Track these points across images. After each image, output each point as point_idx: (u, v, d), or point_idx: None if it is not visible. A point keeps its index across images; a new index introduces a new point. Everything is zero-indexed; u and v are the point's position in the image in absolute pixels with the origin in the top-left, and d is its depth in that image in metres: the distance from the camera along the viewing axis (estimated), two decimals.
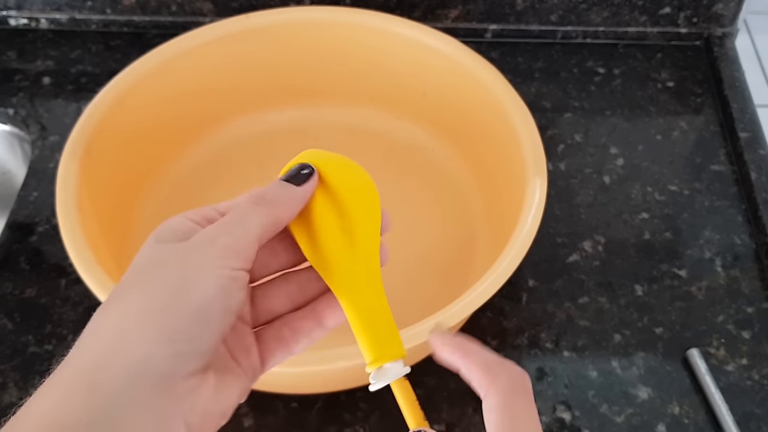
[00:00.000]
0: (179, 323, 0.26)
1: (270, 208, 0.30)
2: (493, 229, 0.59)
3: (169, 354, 0.26)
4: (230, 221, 0.29)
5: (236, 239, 0.28)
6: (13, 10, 0.75)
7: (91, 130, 0.55)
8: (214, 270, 0.27)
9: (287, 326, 0.31)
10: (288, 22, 0.63)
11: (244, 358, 0.30)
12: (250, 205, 0.29)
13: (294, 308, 0.32)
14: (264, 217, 0.29)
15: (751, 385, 0.54)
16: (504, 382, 0.30)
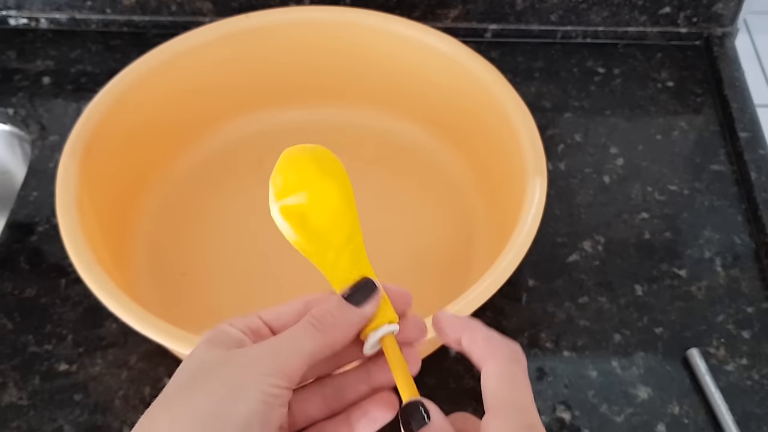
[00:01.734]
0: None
1: (327, 334, 0.30)
2: (493, 229, 0.59)
3: None
4: (280, 344, 0.29)
5: (286, 361, 0.29)
6: (13, 10, 0.75)
7: (91, 130, 0.55)
8: (259, 387, 0.28)
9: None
10: (288, 22, 0.63)
11: None
12: (307, 326, 0.30)
13: (329, 414, 0.32)
14: (319, 343, 0.30)
15: (751, 384, 0.54)
16: (505, 352, 0.31)
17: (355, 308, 0.31)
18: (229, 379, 0.28)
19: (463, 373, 0.54)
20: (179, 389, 0.28)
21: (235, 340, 0.30)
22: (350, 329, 0.31)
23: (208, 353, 0.29)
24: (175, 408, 0.27)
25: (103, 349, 0.55)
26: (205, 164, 0.65)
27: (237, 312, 0.59)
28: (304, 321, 0.30)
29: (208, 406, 0.27)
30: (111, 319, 0.56)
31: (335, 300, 0.31)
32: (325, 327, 0.30)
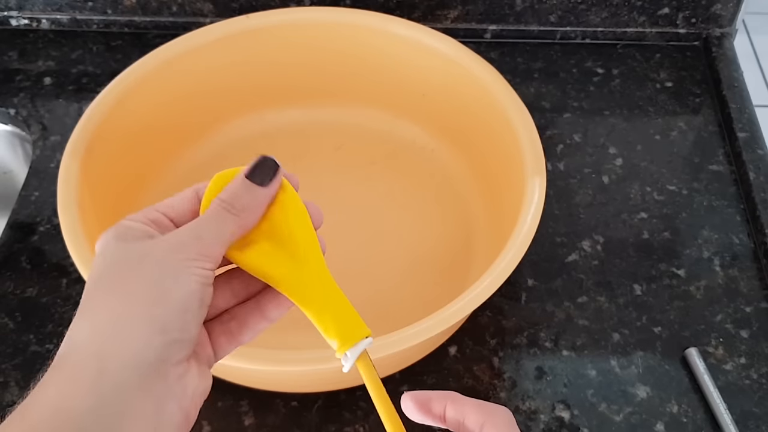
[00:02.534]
0: (169, 315, 0.29)
1: (239, 216, 0.32)
2: (493, 229, 0.59)
3: (164, 342, 0.28)
4: (201, 227, 0.31)
5: (208, 246, 0.30)
6: (15, 11, 0.76)
7: (92, 130, 0.55)
8: (190, 269, 0.30)
9: (234, 320, 0.33)
10: (288, 23, 0.63)
11: (201, 350, 0.32)
12: (221, 212, 0.31)
13: (237, 303, 0.34)
14: (233, 225, 0.31)
15: (750, 384, 0.54)
16: (500, 416, 0.32)
17: (261, 188, 0.32)
18: (160, 265, 0.29)
19: (463, 373, 0.54)
20: (111, 280, 0.29)
21: (144, 232, 0.31)
22: (260, 209, 0.33)
23: (125, 246, 0.30)
24: (119, 296, 0.29)
25: None
26: (205, 164, 0.65)
27: None
28: (216, 207, 0.32)
29: (148, 290, 0.29)
30: None
31: (240, 182, 0.32)
32: (237, 210, 0.32)
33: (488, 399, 0.53)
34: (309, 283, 0.33)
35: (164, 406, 0.28)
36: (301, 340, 0.57)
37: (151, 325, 0.28)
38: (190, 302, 0.29)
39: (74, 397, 0.27)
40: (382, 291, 0.59)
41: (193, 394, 0.30)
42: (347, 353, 0.32)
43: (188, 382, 0.29)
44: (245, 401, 0.53)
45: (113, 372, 0.27)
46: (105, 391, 0.27)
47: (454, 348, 0.56)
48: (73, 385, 0.27)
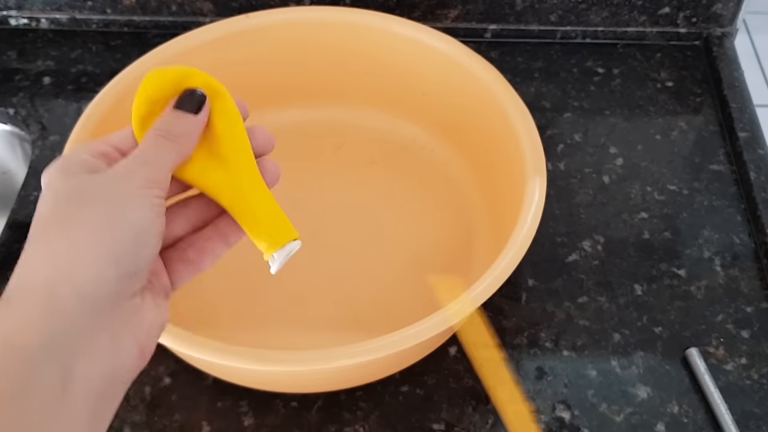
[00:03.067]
0: (123, 246, 0.28)
1: (178, 143, 0.32)
2: (493, 229, 0.59)
3: (117, 275, 0.28)
4: (144, 155, 0.31)
5: (155, 171, 0.31)
6: (14, 10, 0.75)
7: (92, 130, 0.55)
8: (141, 198, 0.30)
9: (192, 247, 0.33)
10: (288, 22, 0.63)
11: (156, 280, 0.32)
12: (159, 139, 0.32)
13: (193, 230, 0.34)
14: (173, 151, 0.32)
15: (750, 384, 0.54)
16: None
17: (192, 116, 0.33)
18: (112, 195, 0.29)
19: (463, 373, 0.54)
20: (62, 214, 0.29)
21: (90, 164, 0.30)
22: (195, 135, 0.33)
23: (73, 179, 0.30)
24: (70, 227, 0.28)
25: None
26: None
27: (236, 310, 0.59)
28: (154, 135, 0.32)
29: (101, 221, 0.28)
30: None
31: (172, 113, 0.33)
32: (174, 136, 0.32)
33: (488, 399, 0.53)
34: (239, 189, 0.33)
35: (119, 340, 0.28)
36: (301, 341, 0.57)
37: (104, 258, 0.28)
38: (143, 233, 0.29)
39: (24, 333, 0.26)
40: (382, 291, 0.59)
41: (150, 327, 0.29)
42: (274, 255, 0.33)
43: (144, 315, 0.29)
44: (245, 401, 0.53)
45: (65, 307, 0.26)
46: (57, 327, 0.26)
47: (455, 348, 0.55)
48: (23, 320, 0.26)
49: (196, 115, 0.33)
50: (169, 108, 0.33)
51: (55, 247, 0.28)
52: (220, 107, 0.34)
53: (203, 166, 0.33)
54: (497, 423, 0.52)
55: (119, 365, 0.28)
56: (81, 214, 0.28)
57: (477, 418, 0.52)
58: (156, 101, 0.33)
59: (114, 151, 0.32)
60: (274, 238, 0.33)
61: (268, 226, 0.33)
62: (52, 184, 0.30)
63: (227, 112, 0.34)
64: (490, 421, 0.52)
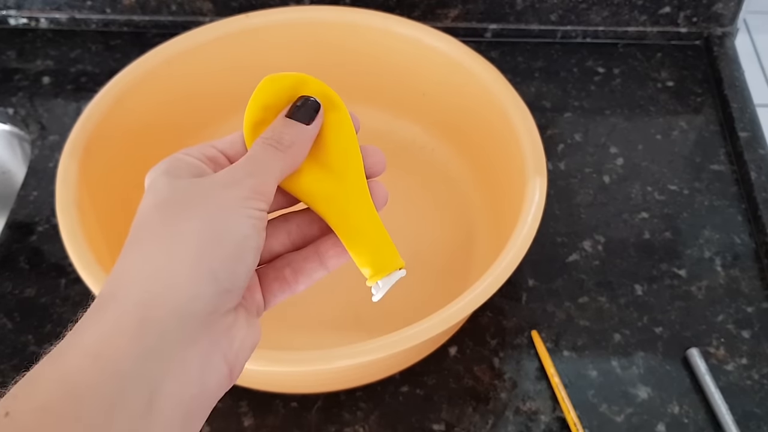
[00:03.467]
0: (221, 262, 0.27)
1: (287, 152, 0.30)
2: (493, 229, 0.59)
3: (214, 292, 0.27)
4: (252, 164, 0.30)
5: (260, 182, 0.29)
6: (13, 10, 0.75)
7: (91, 130, 0.55)
8: (244, 210, 0.28)
9: (289, 267, 0.32)
10: (288, 22, 0.63)
11: (250, 296, 0.31)
12: (268, 148, 0.30)
13: (293, 248, 0.33)
14: (282, 162, 0.30)
15: (751, 384, 0.54)
16: None
17: (305, 126, 0.31)
18: (213, 205, 0.28)
19: (463, 373, 0.54)
20: (162, 218, 0.28)
21: (196, 168, 0.29)
22: (306, 146, 0.31)
23: (177, 183, 0.28)
24: (169, 237, 0.27)
25: None
26: None
27: None
28: (263, 144, 0.31)
29: (200, 234, 0.27)
30: None
31: (283, 121, 0.31)
32: (284, 146, 0.30)
33: (489, 399, 0.53)
34: (347, 207, 0.32)
35: (210, 359, 0.26)
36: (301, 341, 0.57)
37: (202, 274, 0.26)
38: (243, 249, 0.27)
39: (116, 345, 0.25)
40: None
41: (240, 347, 0.28)
42: (379, 283, 0.31)
43: (235, 333, 0.28)
44: (245, 402, 0.53)
45: (158, 322, 0.25)
46: (149, 341, 0.25)
47: (455, 348, 0.55)
48: (115, 331, 0.25)
49: (309, 125, 0.31)
50: (281, 116, 0.32)
51: (153, 256, 0.27)
52: (334, 118, 0.32)
53: (312, 179, 0.32)
54: (497, 423, 0.52)
55: (207, 385, 0.27)
56: (181, 222, 0.27)
57: (477, 418, 0.52)
58: (269, 108, 0.32)
59: (222, 156, 0.31)
60: (380, 264, 0.31)
61: (375, 251, 0.31)
62: (156, 185, 0.29)
63: (341, 124, 0.32)
64: (491, 421, 0.52)
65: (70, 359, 0.25)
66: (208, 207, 0.28)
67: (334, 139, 0.32)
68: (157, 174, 0.29)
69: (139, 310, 0.26)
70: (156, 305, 0.26)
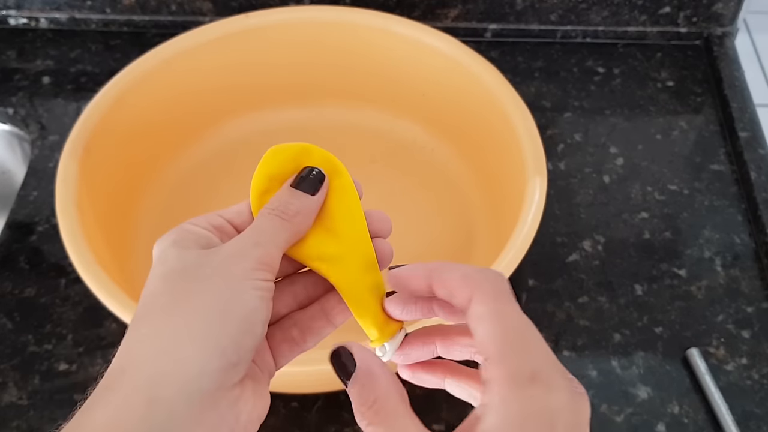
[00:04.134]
0: (229, 336, 0.27)
1: (292, 222, 0.31)
2: (493, 229, 0.59)
3: (221, 367, 0.26)
4: (257, 234, 0.30)
5: (266, 253, 0.29)
6: (13, 10, 0.75)
7: (91, 130, 0.55)
8: (251, 282, 0.28)
9: (296, 327, 0.32)
10: (287, 22, 0.63)
11: (260, 360, 0.31)
12: (273, 218, 0.30)
13: (298, 308, 0.33)
14: (288, 232, 0.30)
15: (751, 384, 0.54)
16: (488, 288, 0.28)
17: (310, 196, 0.32)
18: (220, 277, 0.28)
19: None
20: (171, 292, 0.28)
21: (204, 238, 0.30)
22: (311, 216, 0.32)
23: (185, 254, 0.29)
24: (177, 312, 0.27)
25: (103, 348, 0.55)
26: (204, 164, 0.65)
27: None
28: (267, 214, 0.31)
29: (208, 308, 0.27)
30: (111, 319, 0.56)
31: (288, 191, 0.32)
32: (290, 216, 0.31)
33: None
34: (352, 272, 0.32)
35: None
36: None
37: (210, 349, 0.26)
38: (251, 322, 0.27)
39: (124, 424, 0.25)
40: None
41: (248, 420, 0.28)
42: (385, 345, 0.32)
43: (242, 407, 0.27)
44: None
45: (166, 401, 0.25)
46: (157, 420, 0.25)
47: None
48: (123, 411, 0.25)
49: (314, 195, 0.32)
50: (287, 186, 0.32)
51: (162, 331, 0.27)
52: (338, 185, 0.33)
53: (316, 245, 0.32)
54: None
55: None
56: (190, 296, 0.27)
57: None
58: (274, 177, 0.33)
59: (229, 225, 0.31)
60: (384, 327, 0.32)
61: (379, 314, 0.32)
62: (164, 257, 0.29)
63: (344, 190, 0.33)
64: None
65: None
66: (216, 280, 0.28)
67: (337, 205, 0.33)
68: (166, 245, 0.29)
69: (147, 389, 0.26)
70: (164, 383, 0.26)
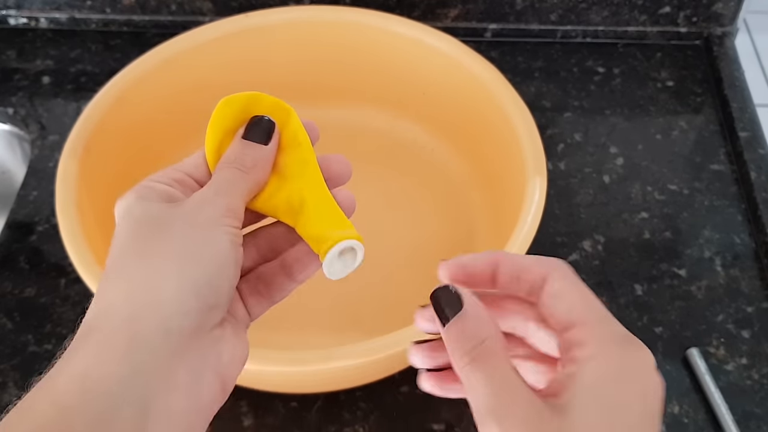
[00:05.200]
0: (203, 278, 0.28)
1: (251, 173, 0.32)
2: (493, 229, 0.59)
3: (199, 308, 0.27)
4: (221, 185, 0.31)
5: (231, 201, 0.30)
6: (13, 9, 0.75)
7: (91, 130, 0.55)
8: (221, 228, 0.29)
9: (261, 282, 0.33)
10: (287, 22, 0.63)
11: (235, 311, 0.31)
12: (233, 170, 0.31)
13: (264, 261, 0.33)
14: (248, 183, 0.31)
15: (751, 384, 0.54)
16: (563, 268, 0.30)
17: (264, 146, 0.32)
18: (189, 225, 0.29)
19: None
20: (142, 243, 0.28)
21: (167, 193, 0.30)
22: (267, 166, 0.32)
23: (151, 207, 0.29)
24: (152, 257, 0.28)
25: None
26: None
27: None
28: (227, 166, 0.31)
29: (180, 252, 0.28)
30: None
31: (241, 143, 0.32)
32: (248, 167, 0.31)
33: None
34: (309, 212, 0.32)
35: (200, 375, 0.27)
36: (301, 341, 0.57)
37: (186, 290, 0.27)
38: (224, 264, 0.28)
39: (104, 365, 0.25)
40: (383, 291, 0.59)
41: (231, 361, 0.28)
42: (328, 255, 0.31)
43: (223, 347, 0.28)
44: (244, 402, 0.53)
45: (146, 340, 0.26)
46: (137, 360, 0.25)
47: None
48: (104, 352, 0.25)
49: (267, 144, 0.32)
50: (238, 138, 0.33)
51: (135, 277, 0.27)
52: (289, 131, 0.34)
53: (272, 192, 0.33)
54: None
55: (200, 400, 0.27)
56: (161, 243, 0.28)
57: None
58: (227, 130, 0.33)
59: (189, 179, 0.32)
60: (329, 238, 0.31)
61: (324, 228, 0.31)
62: (130, 211, 0.29)
63: (295, 136, 0.34)
64: None
65: (60, 384, 0.25)
66: (185, 228, 0.28)
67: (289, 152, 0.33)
68: (129, 200, 0.30)
69: (126, 331, 0.26)
70: (142, 324, 0.26)
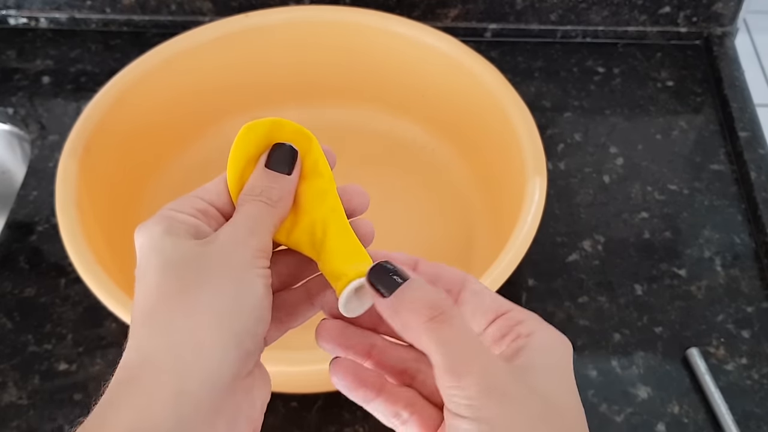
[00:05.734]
0: (244, 327, 0.27)
1: (278, 206, 0.31)
2: (493, 229, 0.59)
3: (238, 357, 0.27)
4: (250, 222, 0.30)
5: (262, 240, 0.29)
6: (13, 9, 0.75)
7: (91, 130, 0.55)
8: (255, 270, 0.28)
9: (283, 309, 0.32)
10: (287, 22, 0.63)
11: None
12: (260, 204, 0.30)
13: (284, 288, 0.33)
14: (275, 217, 0.31)
15: (751, 384, 0.54)
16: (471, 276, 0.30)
17: (288, 177, 0.32)
18: (226, 268, 0.28)
19: None
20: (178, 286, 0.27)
21: (194, 226, 0.29)
22: (291, 196, 0.32)
23: (182, 244, 0.28)
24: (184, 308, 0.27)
25: (102, 348, 0.55)
26: (204, 164, 0.65)
27: None
28: (252, 200, 0.31)
29: (220, 296, 0.27)
30: (111, 319, 0.56)
31: (265, 174, 0.32)
32: (273, 200, 0.31)
33: None
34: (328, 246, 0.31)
35: (235, 423, 0.27)
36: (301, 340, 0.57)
37: (228, 341, 0.27)
38: (261, 310, 0.28)
39: (152, 419, 0.25)
40: None
41: (262, 405, 0.29)
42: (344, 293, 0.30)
43: (256, 393, 0.28)
44: None
45: (192, 392, 0.26)
46: (184, 413, 0.25)
47: None
48: (151, 405, 0.25)
49: (290, 174, 0.32)
50: (261, 167, 0.32)
51: (176, 328, 0.27)
52: (310, 158, 0.33)
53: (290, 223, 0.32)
54: None
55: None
56: (198, 291, 0.27)
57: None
58: (250, 157, 0.33)
59: (212, 208, 0.31)
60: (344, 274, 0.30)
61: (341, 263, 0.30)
62: (158, 248, 0.28)
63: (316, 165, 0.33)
64: None
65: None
66: (220, 271, 0.28)
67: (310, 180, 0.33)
68: (155, 234, 0.29)
69: (172, 383, 0.26)
70: (188, 376, 0.26)
